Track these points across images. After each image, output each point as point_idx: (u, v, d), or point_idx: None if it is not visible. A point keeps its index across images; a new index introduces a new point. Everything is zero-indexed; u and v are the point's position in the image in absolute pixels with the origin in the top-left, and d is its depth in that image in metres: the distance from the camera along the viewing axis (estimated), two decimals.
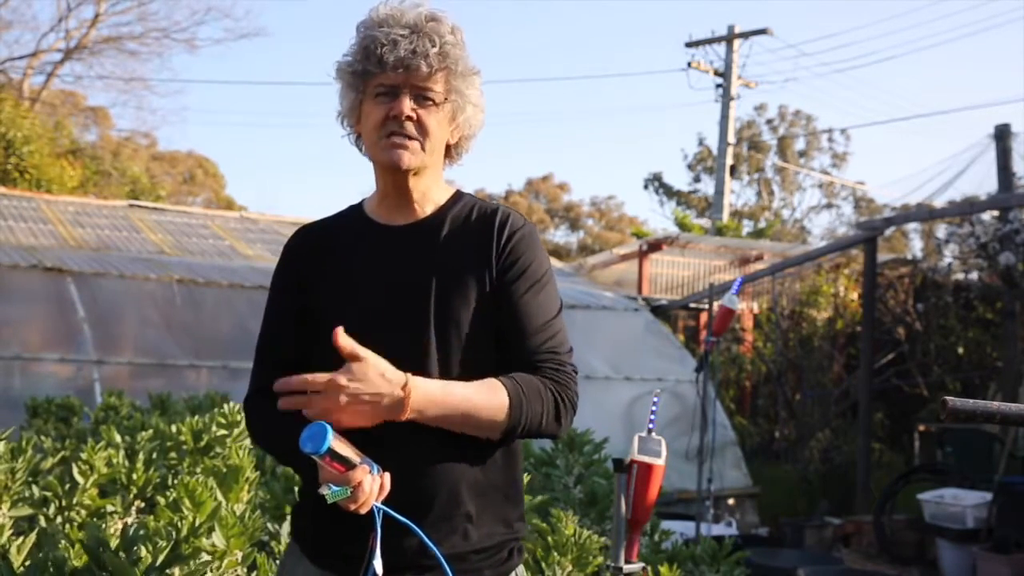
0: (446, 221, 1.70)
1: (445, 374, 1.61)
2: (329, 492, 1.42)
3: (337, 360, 1.51)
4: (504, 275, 1.65)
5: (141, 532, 2.23)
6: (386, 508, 1.47)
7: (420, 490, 1.58)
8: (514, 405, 1.57)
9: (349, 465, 1.43)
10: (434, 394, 1.53)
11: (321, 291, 1.68)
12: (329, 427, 1.41)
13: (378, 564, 1.48)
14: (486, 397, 1.56)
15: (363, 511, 1.46)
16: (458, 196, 1.74)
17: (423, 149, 1.64)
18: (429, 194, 1.71)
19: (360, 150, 1.73)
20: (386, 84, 1.62)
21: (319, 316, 1.65)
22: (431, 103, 1.63)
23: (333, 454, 1.41)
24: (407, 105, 1.61)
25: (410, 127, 1.62)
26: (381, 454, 1.52)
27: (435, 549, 1.50)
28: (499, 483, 1.67)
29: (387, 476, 1.48)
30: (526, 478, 3.16)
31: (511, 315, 1.65)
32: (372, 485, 1.45)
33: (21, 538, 2.31)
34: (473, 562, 1.61)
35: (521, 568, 1.74)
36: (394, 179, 1.68)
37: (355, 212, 1.77)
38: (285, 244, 1.79)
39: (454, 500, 1.60)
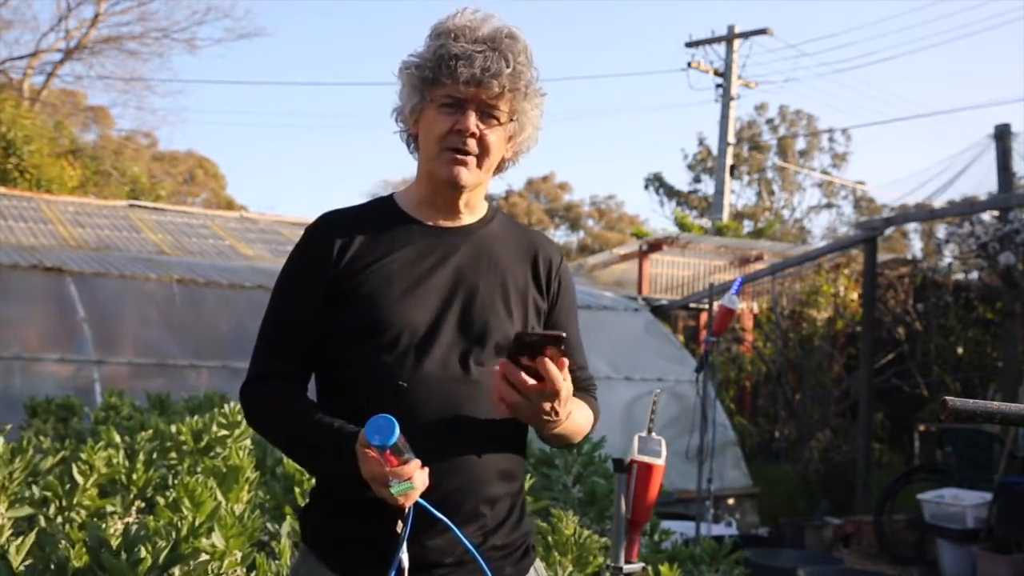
0: (492, 232, 1.73)
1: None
2: (395, 487, 1.41)
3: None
4: (554, 306, 1.76)
5: (141, 532, 2.23)
6: (425, 504, 1.47)
7: (451, 490, 1.57)
8: (594, 424, 1.77)
9: (403, 459, 1.42)
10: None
11: (362, 280, 1.63)
12: (396, 421, 1.39)
13: (404, 558, 1.48)
14: (588, 415, 1.73)
15: (408, 504, 1.45)
16: (493, 207, 1.78)
17: (480, 167, 1.65)
18: (472, 202, 1.72)
19: (408, 147, 1.72)
20: (454, 97, 1.60)
21: (360, 303, 1.61)
22: (495, 121, 1.63)
23: (395, 448, 1.39)
24: (473, 121, 1.61)
25: (472, 144, 1.62)
26: (414, 452, 1.52)
27: (472, 548, 1.51)
28: (516, 484, 1.70)
29: (427, 471, 1.47)
30: (527, 479, 3.16)
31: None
32: (423, 479, 1.45)
33: (21, 538, 2.30)
34: (495, 559, 1.62)
35: (539, 563, 1.76)
36: (444, 192, 1.67)
37: (387, 206, 1.73)
38: (308, 228, 1.71)
39: (482, 500, 1.61)
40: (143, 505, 3.07)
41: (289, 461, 3.27)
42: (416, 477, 1.43)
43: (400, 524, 1.48)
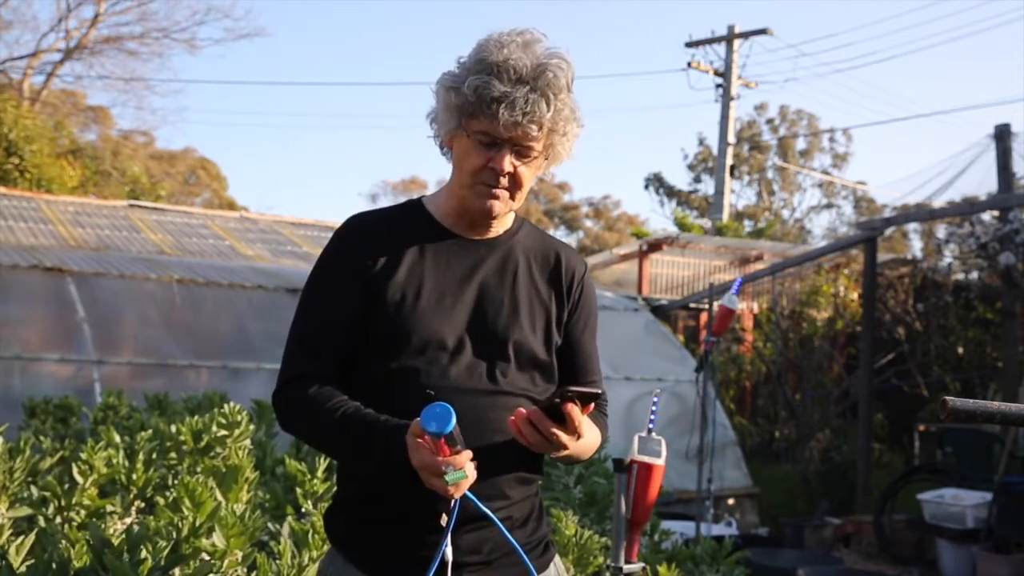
0: (518, 244, 1.76)
1: (517, 385, 1.65)
2: (451, 475, 1.41)
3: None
4: (573, 315, 1.78)
5: (141, 533, 2.23)
6: (472, 497, 1.48)
7: (477, 493, 1.55)
8: (602, 444, 1.77)
9: (456, 449, 1.42)
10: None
11: (391, 287, 1.64)
12: (453, 410, 1.38)
13: (448, 551, 1.49)
14: (596, 436, 1.71)
15: (457, 495, 1.45)
16: (518, 218, 1.80)
17: (513, 199, 1.67)
18: (500, 217, 1.74)
19: (441, 150, 1.73)
20: (491, 135, 1.60)
21: (389, 310, 1.63)
22: (530, 159, 1.65)
23: (450, 437, 1.39)
24: (508, 162, 1.62)
25: (505, 180, 1.64)
26: None
27: (515, 543, 1.53)
28: (534, 486, 1.73)
29: (475, 464, 1.46)
30: None
31: (575, 354, 1.79)
32: (473, 471, 1.45)
33: (21, 538, 2.30)
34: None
35: (558, 559, 1.79)
36: (475, 216, 1.69)
37: (417, 212, 1.75)
38: (339, 231, 1.72)
39: (506, 503, 1.63)
40: (143, 505, 3.07)
41: (290, 461, 3.27)
42: (468, 468, 1.43)
43: (444, 517, 1.49)
